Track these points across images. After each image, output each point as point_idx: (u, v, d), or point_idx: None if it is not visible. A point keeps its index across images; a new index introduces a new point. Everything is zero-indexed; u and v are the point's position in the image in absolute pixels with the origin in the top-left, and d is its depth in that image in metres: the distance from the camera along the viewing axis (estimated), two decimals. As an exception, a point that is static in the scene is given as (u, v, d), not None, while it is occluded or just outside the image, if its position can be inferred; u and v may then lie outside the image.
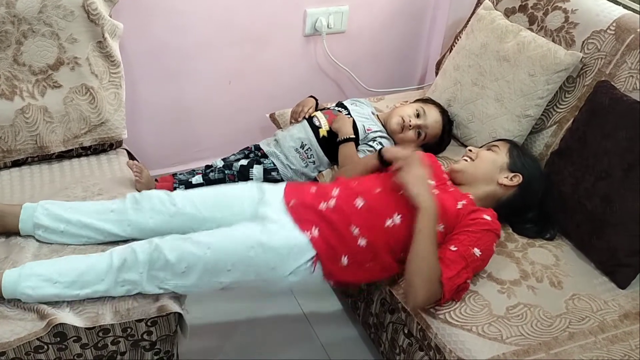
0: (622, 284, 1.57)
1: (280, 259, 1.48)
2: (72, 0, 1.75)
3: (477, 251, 1.48)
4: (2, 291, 1.38)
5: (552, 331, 1.43)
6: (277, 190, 1.64)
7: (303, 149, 1.94)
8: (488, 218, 1.55)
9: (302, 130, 1.97)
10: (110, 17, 1.85)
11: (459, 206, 1.56)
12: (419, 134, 1.95)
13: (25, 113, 1.77)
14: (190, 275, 1.45)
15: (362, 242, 1.52)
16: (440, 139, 2.01)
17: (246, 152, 2.05)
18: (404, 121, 1.94)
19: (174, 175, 1.99)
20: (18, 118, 1.76)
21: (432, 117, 1.98)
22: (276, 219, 1.53)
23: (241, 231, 1.50)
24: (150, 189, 1.80)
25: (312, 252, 1.50)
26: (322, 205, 1.56)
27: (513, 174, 1.67)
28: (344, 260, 1.52)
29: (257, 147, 2.03)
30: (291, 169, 1.94)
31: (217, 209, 1.61)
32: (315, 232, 1.52)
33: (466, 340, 1.39)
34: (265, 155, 1.97)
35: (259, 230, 1.49)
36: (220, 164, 2.01)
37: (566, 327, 1.44)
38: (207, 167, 2.03)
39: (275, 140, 2.00)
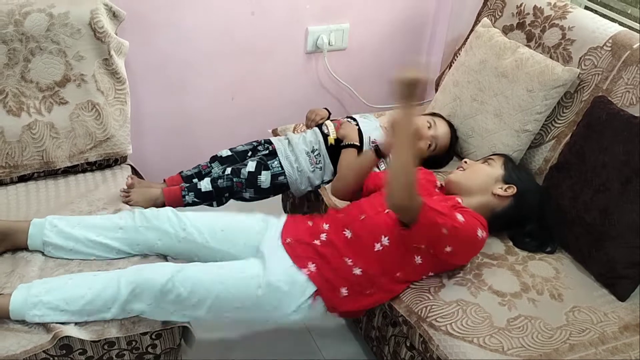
0: (622, 296, 1.58)
1: (283, 298, 1.51)
2: (79, 19, 1.79)
3: (459, 216, 1.50)
4: (9, 314, 1.39)
5: (553, 343, 1.44)
6: (277, 226, 1.67)
7: (313, 153, 1.96)
8: (472, 210, 1.58)
9: (314, 135, 2.00)
10: (116, 34, 1.89)
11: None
12: (429, 145, 1.98)
13: (32, 129, 1.80)
14: (200, 309, 1.47)
15: (357, 271, 1.55)
16: (447, 152, 2.04)
17: (254, 143, 2.06)
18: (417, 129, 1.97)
19: (181, 173, 2.00)
20: (25, 134, 1.79)
21: (442, 129, 2.01)
22: (275, 258, 1.56)
23: (250, 269, 1.53)
24: (151, 202, 1.82)
25: (312, 288, 1.53)
26: (316, 241, 1.60)
27: (507, 185, 1.69)
28: (343, 291, 1.55)
29: (268, 141, 2.05)
30: (298, 170, 1.95)
31: (225, 242, 1.64)
32: (312, 267, 1.55)
33: (468, 351, 1.41)
34: (273, 154, 1.97)
35: (263, 269, 1.52)
36: (226, 153, 2.03)
37: (567, 338, 1.45)
38: (212, 158, 2.03)
39: (287, 139, 2.02)
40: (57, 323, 1.40)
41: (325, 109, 2.16)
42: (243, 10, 2.24)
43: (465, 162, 1.80)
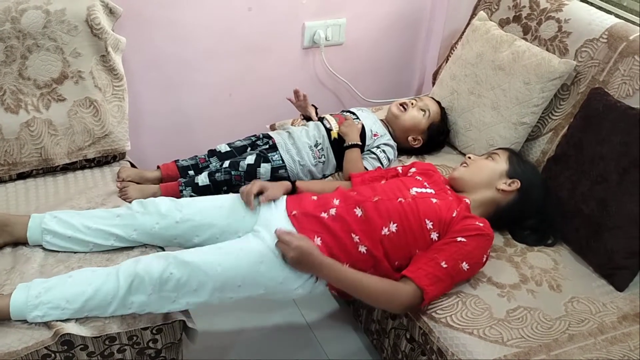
0: (620, 286, 1.59)
1: (288, 273, 1.50)
2: (76, 15, 1.79)
3: (465, 265, 1.50)
4: (10, 316, 1.39)
5: (552, 333, 1.45)
6: (280, 201, 1.66)
7: (317, 147, 1.96)
8: (480, 224, 1.56)
9: (317, 129, 2.00)
10: (113, 31, 1.89)
11: (454, 214, 1.57)
12: (423, 112, 2.03)
13: (30, 126, 1.80)
14: (202, 293, 1.46)
15: (362, 249, 1.55)
16: (443, 122, 2.08)
17: (253, 138, 2.04)
18: (405, 103, 2.05)
19: (176, 161, 1.98)
20: (23, 131, 1.79)
21: (426, 100, 2.10)
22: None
23: (250, 245, 1.51)
24: (147, 195, 1.82)
25: None
26: (324, 214, 1.59)
27: (511, 180, 1.69)
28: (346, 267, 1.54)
29: (267, 136, 2.03)
30: (300, 164, 1.94)
31: (225, 217, 1.63)
32: (318, 241, 1.54)
33: (468, 343, 1.41)
34: (273, 148, 1.96)
35: (266, 243, 1.51)
36: (225, 148, 2.00)
37: (566, 329, 1.46)
38: (210, 152, 2.01)
39: (288, 132, 2.02)
40: (58, 321, 1.40)
41: (312, 105, 2.16)
42: (239, 6, 2.24)
43: (470, 157, 1.80)
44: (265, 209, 1.63)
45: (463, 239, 1.51)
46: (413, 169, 1.82)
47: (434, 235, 1.55)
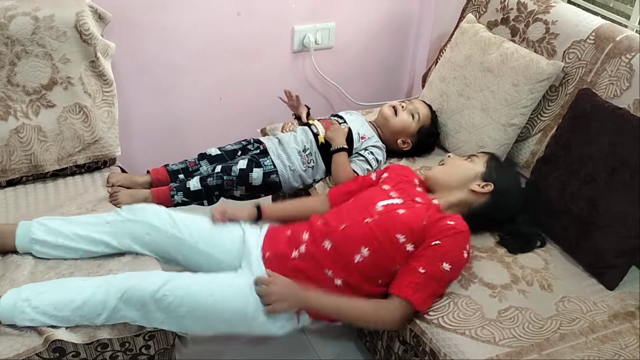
0: (610, 285, 1.60)
1: (268, 316, 1.51)
2: (65, 21, 1.79)
3: (446, 266, 1.50)
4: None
5: (544, 333, 1.45)
6: (259, 238, 1.66)
7: (305, 152, 1.97)
8: (452, 222, 1.54)
9: (304, 134, 2.01)
10: (102, 36, 1.89)
11: (424, 222, 1.55)
12: (413, 115, 2.04)
13: (19, 133, 1.79)
14: (189, 320, 1.46)
15: (338, 282, 1.55)
16: (433, 125, 2.09)
17: (244, 142, 2.05)
18: (395, 107, 2.05)
19: (166, 166, 1.97)
20: (12, 138, 1.78)
21: (417, 103, 2.11)
22: (259, 274, 1.55)
23: (238, 284, 1.52)
24: (139, 202, 1.80)
25: None
26: (294, 254, 1.59)
27: (485, 183, 1.67)
28: None
29: (258, 141, 2.04)
30: (291, 169, 1.95)
31: (212, 245, 1.64)
32: None
33: (460, 343, 1.42)
34: (264, 153, 1.97)
35: (250, 284, 1.51)
36: (215, 152, 2.00)
37: (557, 328, 1.47)
38: (200, 155, 2.00)
39: (278, 139, 2.02)
40: (47, 327, 1.39)
41: (305, 105, 2.17)
42: (229, 11, 2.25)
43: (449, 156, 1.81)
44: (247, 243, 1.64)
45: (438, 242, 1.51)
46: (385, 174, 1.80)
47: (409, 247, 1.53)
